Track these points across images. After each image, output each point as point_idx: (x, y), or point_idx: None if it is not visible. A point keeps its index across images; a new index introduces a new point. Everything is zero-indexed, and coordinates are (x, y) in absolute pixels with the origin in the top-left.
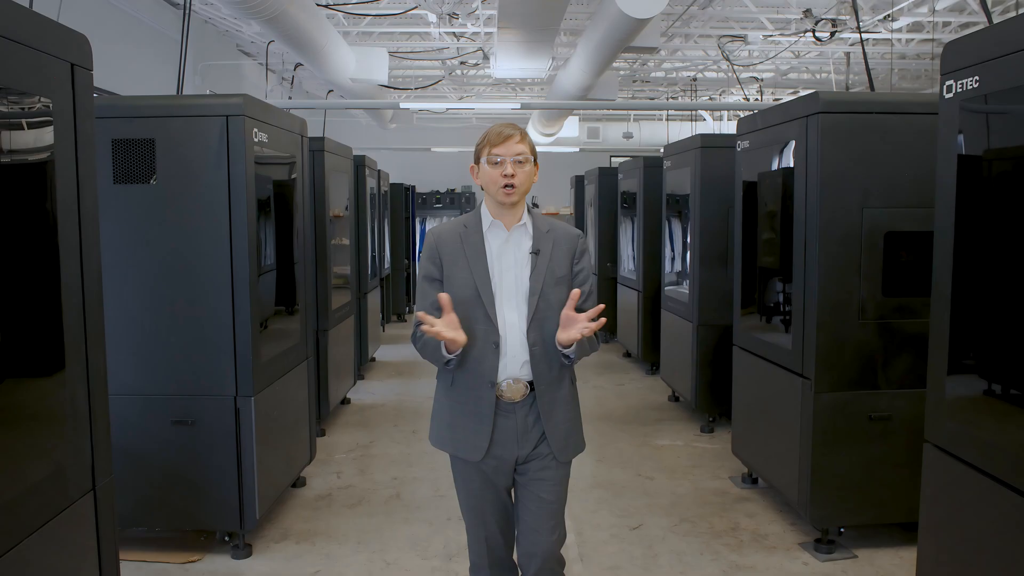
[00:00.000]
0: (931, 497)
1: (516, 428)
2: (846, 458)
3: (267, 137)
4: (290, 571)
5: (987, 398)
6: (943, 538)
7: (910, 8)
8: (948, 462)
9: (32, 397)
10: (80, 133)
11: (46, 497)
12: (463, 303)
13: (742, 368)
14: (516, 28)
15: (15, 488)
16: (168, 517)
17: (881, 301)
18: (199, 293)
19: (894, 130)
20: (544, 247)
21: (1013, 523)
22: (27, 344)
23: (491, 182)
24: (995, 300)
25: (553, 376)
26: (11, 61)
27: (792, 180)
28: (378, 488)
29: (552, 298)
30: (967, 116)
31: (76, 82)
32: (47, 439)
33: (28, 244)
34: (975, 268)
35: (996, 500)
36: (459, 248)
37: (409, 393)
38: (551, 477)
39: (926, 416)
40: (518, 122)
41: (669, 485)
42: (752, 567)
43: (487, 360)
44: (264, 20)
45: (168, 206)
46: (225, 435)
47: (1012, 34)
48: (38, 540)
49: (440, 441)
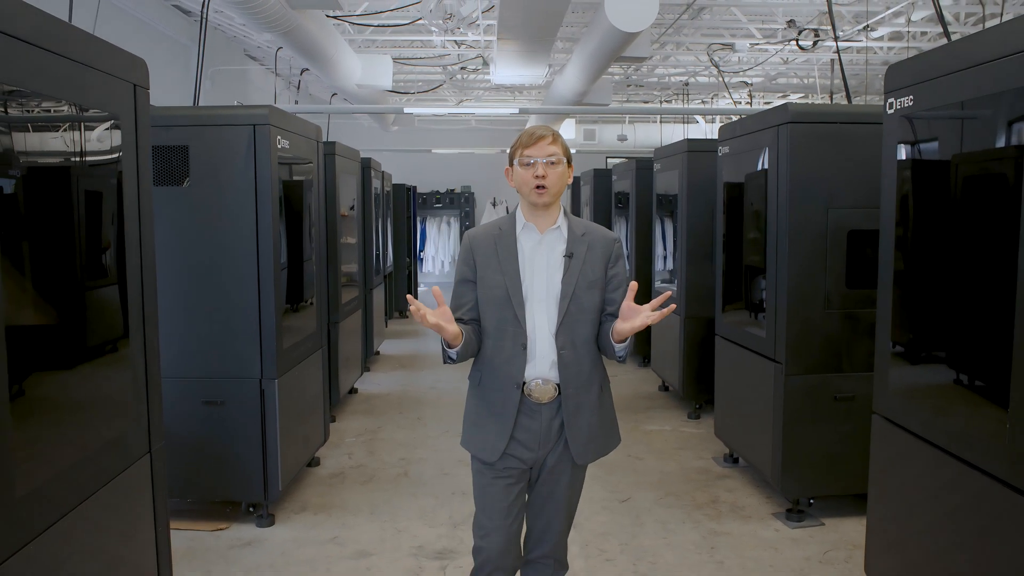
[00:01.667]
0: (878, 463)
1: (540, 429)
2: (814, 435)
3: (288, 144)
4: (310, 537)
5: (925, 373)
6: (889, 500)
7: (889, 19)
8: (893, 431)
9: (103, 368)
10: (140, 143)
11: (115, 455)
12: (494, 304)
13: (723, 356)
14: (515, 39)
15: (93, 445)
16: (199, 489)
17: (845, 293)
18: (228, 286)
19: (856, 138)
20: (578, 250)
21: (950, 485)
22: (101, 323)
23: (523, 183)
24: (928, 287)
25: (582, 381)
26: (87, 84)
27: (766, 183)
28: (387, 467)
29: (584, 301)
30: (903, 129)
31: (138, 100)
32: (116, 405)
33: (102, 238)
34: (912, 261)
35: (935, 464)
36: (492, 250)
37: (413, 384)
38: (566, 480)
39: (874, 390)
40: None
41: (657, 465)
42: (728, 533)
43: (515, 361)
44: (280, 33)
45: (199, 207)
46: (251, 414)
47: (939, 61)
48: (108, 492)
49: (466, 441)
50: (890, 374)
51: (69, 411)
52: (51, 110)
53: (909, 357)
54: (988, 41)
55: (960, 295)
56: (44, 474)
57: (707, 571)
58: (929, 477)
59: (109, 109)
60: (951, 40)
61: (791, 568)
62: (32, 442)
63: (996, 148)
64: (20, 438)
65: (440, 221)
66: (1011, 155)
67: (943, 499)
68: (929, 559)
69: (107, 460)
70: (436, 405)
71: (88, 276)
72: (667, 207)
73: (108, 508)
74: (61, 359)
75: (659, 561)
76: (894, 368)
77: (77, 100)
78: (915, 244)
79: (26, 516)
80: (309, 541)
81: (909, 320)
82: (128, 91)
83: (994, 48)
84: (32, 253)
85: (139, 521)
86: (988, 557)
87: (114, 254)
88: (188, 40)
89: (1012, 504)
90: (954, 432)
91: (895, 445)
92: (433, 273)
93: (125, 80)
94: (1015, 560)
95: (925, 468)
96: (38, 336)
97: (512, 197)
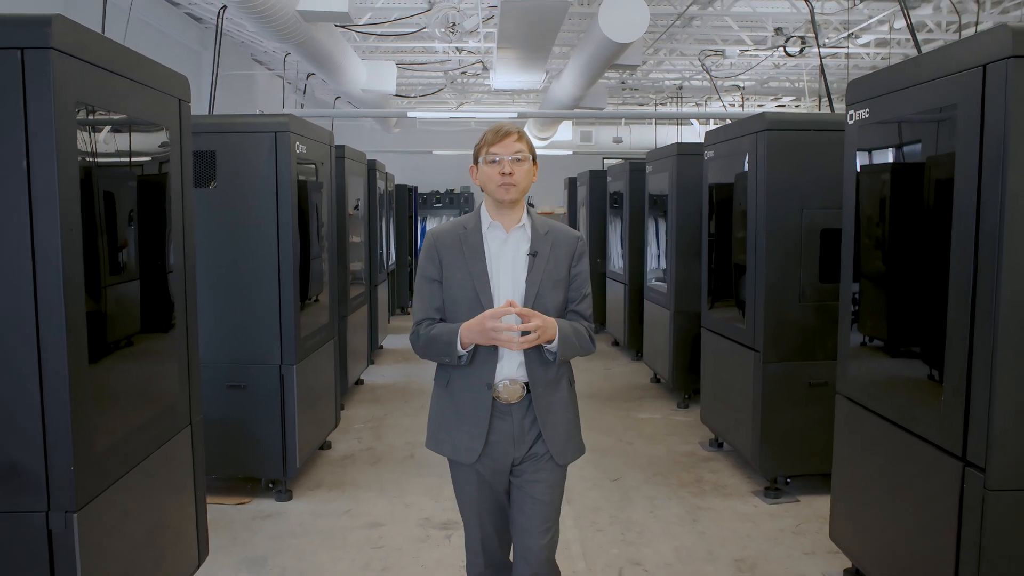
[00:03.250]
0: (841, 439)
1: (512, 430)
2: (790, 418)
3: (305, 149)
4: (326, 510)
5: (879, 357)
6: (850, 471)
7: (874, 26)
8: (853, 409)
9: (157, 347)
10: (184, 150)
11: (166, 422)
12: (461, 304)
13: (709, 346)
14: (514, 48)
15: (149, 413)
16: (223, 466)
17: (818, 287)
18: (250, 280)
19: (827, 144)
20: (542, 249)
21: (899, 453)
22: (156, 308)
23: (489, 180)
24: (880, 281)
25: (550, 378)
26: (146, 101)
27: (746, 186)
28: (394, 450)
29: (549, 300)
30: (860, 139)
31: (182, 113)
32: (167, 379)
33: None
34: (866, 257)
35: (887, 437)
36: (458, 249)
37: (416, 376)
38: (546, 479)
39: (837, 373)
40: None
41: (646, 449)
42: (710, 508)
43: (484, 362)
44: (294, 44)
45: (225, 207)
46: (271, 397)
47: (888, 80)
48: (161, 454)
49: (436, 443)
50: (850, 359)
51: (133, 383)
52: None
53: (866, 343)
54: (925, 64)
55: (905, 288)
56: (116, 434)
57: (689, 540)
58: (882, 448)
59: (162, 121)
60: (921, 52)
61: (766, 537)
62: (107, 407)
63: (930, 156)
64: (99, 403)
65: (440, 221)
66: (942, 163)
67: (893, 467)
68: (883, 523)
69: (160, 427)
70: None
71: (147, 268)
72: (659, 207)
73: (160, 468)
74: (127, 339)
75: (645, 531)
76: (853, 353)
77: (138, 115)
78: (868, 242)
79: (104, 467)
80: (325, 513)
81: (866, 310)
82: (175, 105)
83: (930, 70)
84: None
85: (184, 481)
86: (930, 515)
87: (165, 249)
88: (199, 46)
89: (945, 465)
90: (902, 407)
91: (855, 421)
92: None
93: (172, 96)
94: (948, 514)
95: (879, 440)
96: (112, 319)
97: None
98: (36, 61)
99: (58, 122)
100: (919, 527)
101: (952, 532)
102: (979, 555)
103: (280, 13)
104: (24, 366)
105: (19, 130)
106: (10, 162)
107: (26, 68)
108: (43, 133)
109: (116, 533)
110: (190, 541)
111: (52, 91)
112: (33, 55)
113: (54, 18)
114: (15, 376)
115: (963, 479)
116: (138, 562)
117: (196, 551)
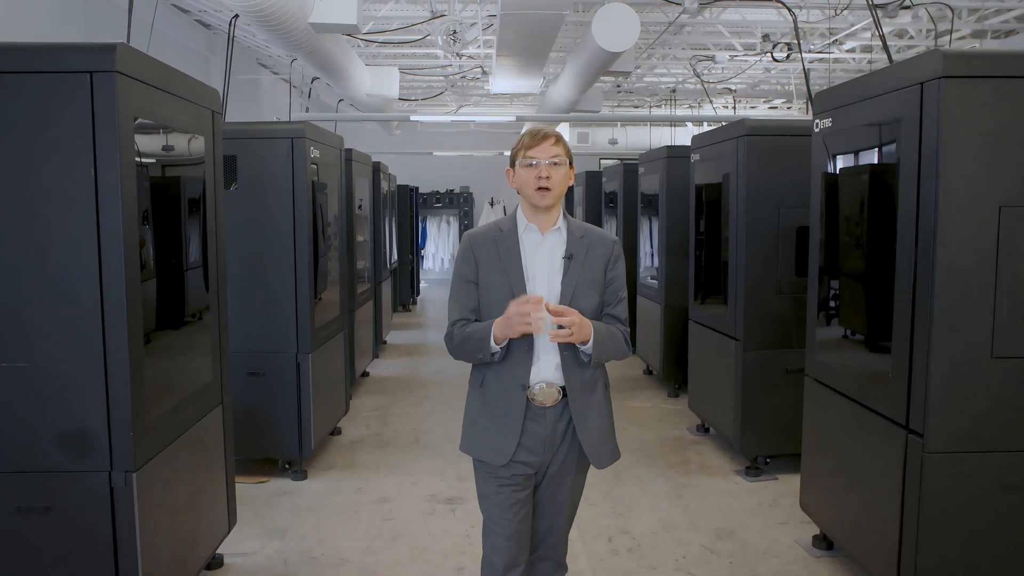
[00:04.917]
0: (809, 416)
1: (545, 434)
2: (768, 402)
3: (319, 153)
4: (339, 488)
5: (841, 340)
6: (817, 445)
7: (859, 32)
8: (819, 388)
9: (196, 331)
10: (216, 156)
11: (203, 399)
12: (497, 305)
13: (695, 337)
14: (512, 55)
15: (190, 390)
16: (242, 448)
17: (794, 280)
18: (268, 275)
19: (803, 148)
20: (578, 252)
21: (856, 425)
22: (195, 296)
23: (526, 184)
24: (840, 273)
25: (585, 380)
26: (187, 113)
27: (727, 187)
28: (400, 436)
29: (584, 303)
30: (825, 145)
31: (215, 123)
32: (204, 360)
33: (197, 230)
34: (829, 253)
35: (847, 412)
36: (494, 251)
37: (419, 369)
38: (569, 482)
39: (806, 356)
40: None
41: (637, 434)
42: (695, 486)
43: (520, 363)
44: (305, 53)
45: (246, 207)
46: (288, 383)
47: (849, 92)
48: (199, 428)
49: (468, 444)
50: (817, 344)
51: (178, 361)
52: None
53: (830, 328)
54: (875, 81)
55: (861, 280)
56: (166, 405)
57: (674, 513)
58: (844, 422)
59: (199, 131)
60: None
61: (745, 510)
62: (158, 383)
63: (881, 163)
64: (152, 377)
65: (440, 220)
66: (890, 168)
67: (853, 439)
68: (844, 491)
69: (198, 403)
70: (442, 386)
71: (189, 261)
72: (651, 207)
73: (198, 440)
74: (173, 322)
75: (634, 506)
76: (819, 338)
77: (182, 126)
78: (831, 239)
79: (156, 435)
80: (338, 491)
81: (830, 298)
82: (209, 116)
83: (880, 86)
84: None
85: (216, 454)
86: (881, 479)
87: (202, 244)
88: (207, 51)
89: (893, 434)
90: (860, 385)
91: (820, 399)
92: (433, 269)
93: (207, 108)
94: (894, 477)
95: (841, 416)
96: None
97: (510, 197)
98: (103, 83)
99: (120, 133)
100: (872, 492)
101: (898, 493)
102: (918, 511)
103: (293, 25)
104: (91, 345)
105: (87, 140)
106: (80, 167)
107: (95, 88)
108: (108, 143)
109: (165, 495)
110: (222, 508)
111: (116, 108)
112: (101, 78)
113: (118, 46)
114: (85, 354)
115: (906, 445)
116: (181, 522)
117: (227, 518)
